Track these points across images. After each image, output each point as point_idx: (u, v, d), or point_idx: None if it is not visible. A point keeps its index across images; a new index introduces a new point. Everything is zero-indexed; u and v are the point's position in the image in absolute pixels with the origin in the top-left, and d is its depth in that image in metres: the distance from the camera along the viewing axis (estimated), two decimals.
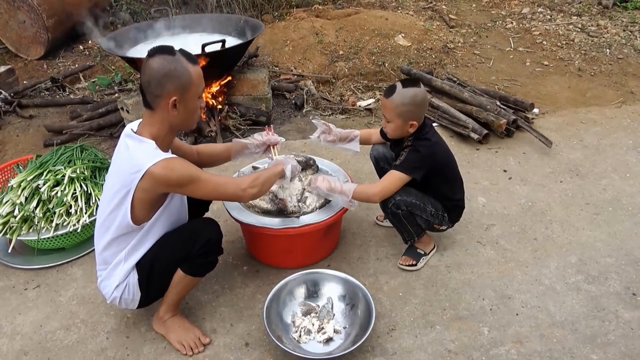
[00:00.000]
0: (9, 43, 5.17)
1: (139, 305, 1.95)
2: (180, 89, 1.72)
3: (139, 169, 1.68)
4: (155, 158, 1.70)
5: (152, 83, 1.71)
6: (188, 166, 1.77)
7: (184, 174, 1.74)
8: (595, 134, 3.57)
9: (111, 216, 1.79)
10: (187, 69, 1.72)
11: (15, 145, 3.70)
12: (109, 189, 1.82)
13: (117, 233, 1.82)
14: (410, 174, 2.12)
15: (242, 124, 3.68)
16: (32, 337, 2.10)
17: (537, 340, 2.01)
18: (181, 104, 1.74)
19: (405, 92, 2.07)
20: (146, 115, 1.80)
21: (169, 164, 1.71)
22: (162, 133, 1.79)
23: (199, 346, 2.00)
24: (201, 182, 1.78)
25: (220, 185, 1.86)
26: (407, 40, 4.91)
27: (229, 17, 4.20)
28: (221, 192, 1.89)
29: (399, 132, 2.16)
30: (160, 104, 1.73)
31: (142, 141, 1.75)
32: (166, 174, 1.70)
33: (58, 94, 4.47)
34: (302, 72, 4.53)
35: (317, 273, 2.20)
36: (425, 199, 2.23)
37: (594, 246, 2.51)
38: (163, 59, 1.70)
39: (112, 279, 1.88)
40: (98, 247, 1.91)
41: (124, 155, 1.78)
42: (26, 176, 2.46)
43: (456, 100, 3.75)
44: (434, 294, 2.24)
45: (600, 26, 5.53)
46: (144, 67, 1.72)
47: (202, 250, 1.87)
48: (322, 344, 1.99)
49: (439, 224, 2.33)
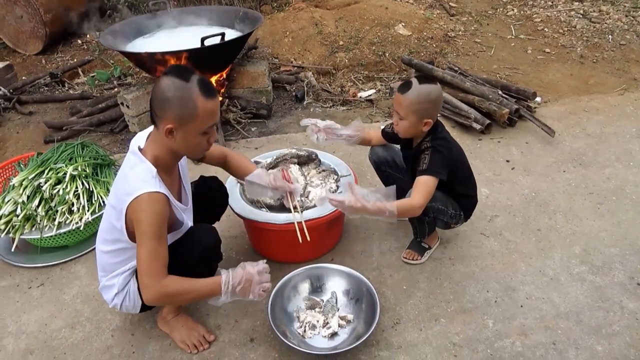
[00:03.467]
0: (6, 38, 5.14)
1: (141, 310, 1.94)
2: (179, 120, 1.61)
3: (128, 196, 1.62)
4: (143, 189, 1.61)
5: (154, 102, 1.63)
6: (155, 219, 1.61)
7: (145, 220, 1.60)
8: (598, 122, 3.55)
9: (110, 226, 1.77)
10: (195, 101, 1.59)
11: (16, 142, 3.68)
12: (111, 198, 1.79)
13: (116, 246, 1.79)
14: (439, 176, 2.02)
15: (242, 117, 3.66)
16: (37, 336, 2.10)
17: (542, 331, 2.01)
18: (179, 133, 1.64)
19: (421, 88, 1.98)
20: (153, 132, 1.74)
21: (147, 202, 1.60)
22: (163, 155, 1.72)
23: (204, 344, 2.00)
24: (145, 242, 1.60)
25: (147, 264, 1.61)
26: (407, 29, 4.87)
27: (227, 9, 4.16)
28: (140, 269, 1.63)
29: (412, 130, 2.08)
30: (159, 126, 1.65)
31: (143, 162, 1.68)
32: (140, 207, 1.60)
33: (57, 90, 4.45)
34: (302, 63, 4.50)
35: (321, 268, 2.19)
36: (448, 202, 2.19)
37: (598, 236, 2.50)
38: (172, 82, 1.59)
39: (112, 288, 1.87)
40: (99, 253, 1.88)
41: (125, 171, 1.72)
42: (28, 174, 2.45)
43: (458, 90, 3.72)
44: (438, 287, 2.24)
45: (602, 12, 5.48)
46: (156, 83, 1.65)
47: (200, 259, 1.84)
48: (327, 339, 1.99)
49: (455, 223, 2.30)
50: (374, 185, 2.79)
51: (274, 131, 3.64)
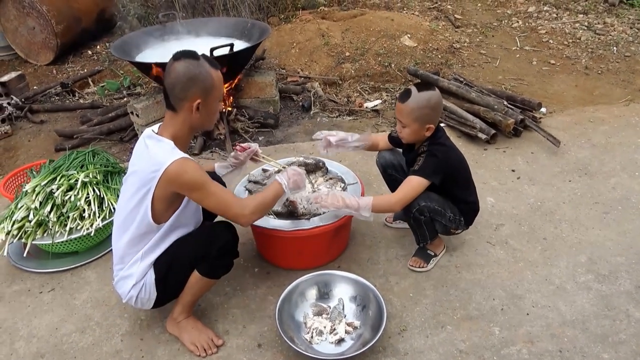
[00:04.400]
0: (18, 49, 5.23)
1: (155, 305, 1.99)
2: (203, 93, 1.79)
3: (159, 168, 1.75)
4: (173, 157, 1.75)
5: (177, 86, 1.77)
6: (201, 172, 1.80)
7: (194, 178, 1.77)
8: (604, 132, 3.57)
9: (131, 215, 1.85)
10: (210, 73, 1.79)
11: (27, 150, 3.74)
12: (128, 189, 1.87)
13: (136, 232, 1.86)
14: (429, 178, 2.10)
15: (250, 126, 3.71)
16: (48, 340, 2.13)
17: (548, 339, 2.02)
18: (204, 106, 1.81)
19: (420, 95, 2.05)
20: (168, 117, 1.86)
21: (184, 165, 1.76)
22: (182, 133, 1.86)
23: (212, 347, 2.03)
24: (208, 192, 1.81)
25: (224, 202, 1.85)
26: (413, 40, 4.92)
27: (236, 21, 4.23)
28: (223, 210, 1.87)
29: (415, 136, 2.15)
30: (184, 106, 1.80)
31: (161, 141, 1.81)
32: (178, 174, 1.75)
33: (68, 99, 4.52)
34: (309, 74, 4.55)
35: (328, 274, 2.22)
36: (446, 205, 2.23)
37: (603, 245, 2.51)
38: (188, 63, 1.76)
39: (129, 278, 1.92)
40: (116, 246, 1.95)
41: (143, 154, 1.84)
42: (40, 181, 2.49)
43: (463, 101, 3.76)
44: (445, 295, 2.25)
45: (607, 24, 5.52)
46: (169, 71, 1.78)
47: (219, 252, 1.91)
48: (334, 345, 2.01)
49: (455, 228, 2.33)
50: (380, 194, 2.82)
51: (281, 140, 3.68)
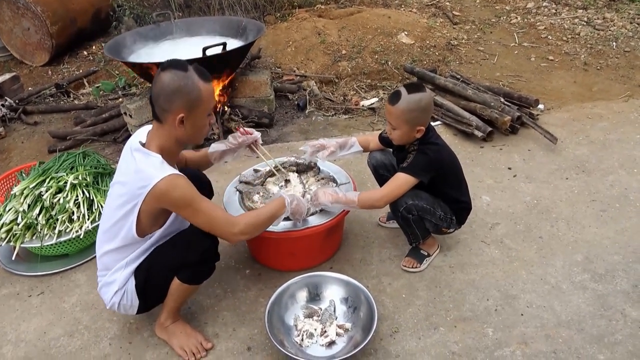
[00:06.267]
0: (14, 50, 5.21)
1: (138, 311, 1.96)
2: (188, 106, 1.72)
3: (147, 184, 1.70)
4: (163, 173, 1.70)
5: (161, 97, 1.71)
6: (190, 190, 1.74)
7: (182, 196, 1.73)
8: (602, 129, 3.53)
9: (116, 226, 1.81)
10: (198, 86, 1.71)
11: (20, 152, 3.72)
12: (115, 199, 1.82)
13: (121, 243, 1.84)
14: (417, 176, 2.09)
15: (244, 126, 3.67)
16: (36, 344, 2.10)
17: (543, 340, 1.98)
18: (188, 120, 1.75)
19: (410, 97, 2.02)
20: (155, 127, 1.81)
21: (173, 182, 1.71)
22: (168, 145, 1.80)
23: (201, 351, 2.00)
24: (197, 210, 1.76)
25: (213, 221, 1.80)
26: (410, 38, 4.88)
27: (231, 20, 4.19)
28: (210, 228, 1.82)
29: (406, 138, 2.12)
30: (168, 118, 1.74)
31: (149, 155, 1.75)
32: (167, 191, 1.70)
33: (62, 100, 4.50)
34: (305, 72, 4.52)
35: (318, 276, 2.18)
36: (436, 203, 2.20)
37: (600, 244, 2.47)
38: (174, 74, 1.70)
39: (112, 284, 1.89)
40: (100, 253, 1.91)
41: (131, 167, 1.78)
42: (29, 183, 2.47)
43: (460, 98, 3.71)
44: (438, 295, 2.22)
45: (607, 19, 5.46)
46: (155, 80, 1.73)
47: (199, 258, 1.87)
48: (324, 347, 1.97)
49: (447, 228, 2.30)
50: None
51: (276, 140, 3.65)
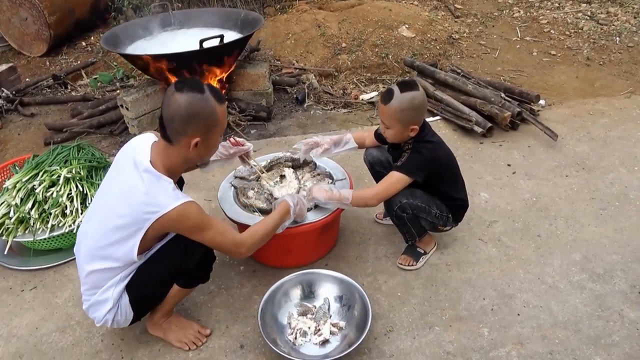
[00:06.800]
0: (12, 40, 5.17)
1: (132, 322, 1.89)
2: (205, 130, 1.67)
3: (157, 210, 1.63)
4: (175, 202, 1.63)
5: (176, 120, 1.63)
6: (202, 216, 1.71)
7: (195, 224, 1.69)
8: (603, 125, 3.48)
9: (113, 248, 1.71)
10: (215, 109, 1.66)
11: (17, 144, 3.69)
12: (114, 217, 1.69)
13: (116, 264, 1.75)
14: (411, 175, 2.06)
15: (242, 119, 3.64)
16: (27, 340, 2.09)
17: (539, 341, 1.96)
18: (203, 143, 1.70)
19: (403, 96, 1.98)
20: (162, 146, 1.71)
21: (186, 211, 1.65)
22: (176, 165, 1.74)
23: (202, 339, 2.00)
24: (207, 234, 1.73)
25: (220, 245, 1.79)
26: (411, 31, 4.82)
27: (229, 12, 4.16)
28: (219, 248, 1.82)
29: (399, 137, 2.09)
30: (181, 141, 1.67)
31: (159, 178, 1.66)
32: (180, 221, 1.66)
33: (60, 92, 4.46)
34: (304, 65, 4.47)
35: (313, 273, 2.16)
36: (431, 201, 2.17)
37: (599, 243, 2.44)
38: (191, 97, 1.61)
39: (105, 303, 1.79)
40: (87, 270, 1.77)
41: (138, 187, 1.65)
42: (22, 177, 2.44)
43: (460, 93, 3.67)
44: (434, 294, 2.19)
45: (610, 13, 5.39)
46: (169, 101, 1.63)
47: (197, 265, 1.84)
48: (318, 346, 1.95)
49: (443, 225, 2.27)
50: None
51: (274, 134, 3.62)
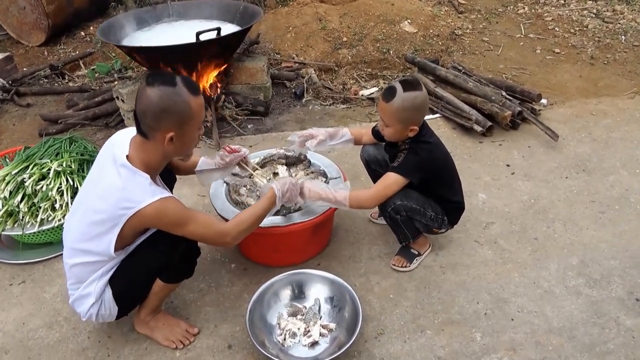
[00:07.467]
0: (10, 29, 5.12)
1: (118, 317, 1.87)
2: (179, 125, 1.62)
3: (132, 206, 1.59)
4: (151, 197, 1.60)
5: (149, 115, 1.59)
6: (180, 210, 1.67)
7: (173, 219, 1.66)
8: (605, 126, 3.43)
9: (91, 243, 1.70)
10: (189, 102, 1.61)
11: (11, 134, 3.66)
12: (92, 213, 1.67)
13: (95, 258, 1.72)
14: (407, 177, 2.02)
15: (239, 114, 3.60)
16: (14, 335, 2.06)
17: (532, 347, 1.92)
18: (178, 137, 1.64)
19: (405, 96, 1.93)
20: (139, 141, 1.68)
21: (162, 207, 1.62)
22: (155, 161, 1.70)
23: (189, 337, 1.98)
24: (188, 227, 1.68)
25: (203, 236, 1.76)
26: (413, 26, 4.76)
27: (228, 4, 4.08)
28: (203, 241, 1.80)
29: (398, 136, 2.05)
30: (156, 136, 1.63)
31: (135, 173, 1.63)
32: (157, 217, 1.63)
33: (57, 82, 4.42)
34: (304, 59, 4.41)
35: (303, 274, 2.12)
36: (426, 203, 2.13)
37: (597, 247, 2.40)
38: (162, 91, 1.57)
39: (88, 297, 1.77)
40: (71, 264, 1.76)
41: (115, 182, 1.63)
42: (11, 169, 2.41)
43: (460, 90, 3.61)
44: (426, 297, 2.16)
45: (617, 11, 5.31)
46: (141, 95, 1.60)
47: (181, 259, 1.81)
48: (307, 348, 1.92)
49: (437, 228, 2.23)
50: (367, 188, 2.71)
51: (271, 129, 3.57)
